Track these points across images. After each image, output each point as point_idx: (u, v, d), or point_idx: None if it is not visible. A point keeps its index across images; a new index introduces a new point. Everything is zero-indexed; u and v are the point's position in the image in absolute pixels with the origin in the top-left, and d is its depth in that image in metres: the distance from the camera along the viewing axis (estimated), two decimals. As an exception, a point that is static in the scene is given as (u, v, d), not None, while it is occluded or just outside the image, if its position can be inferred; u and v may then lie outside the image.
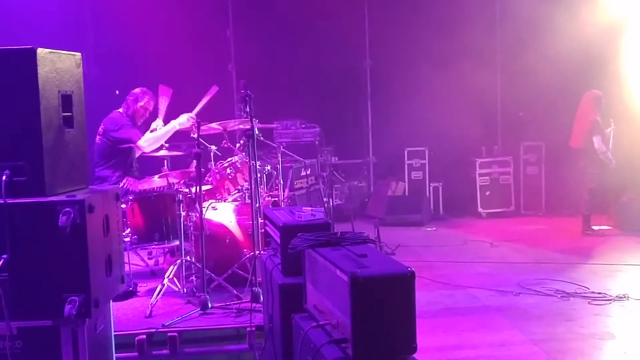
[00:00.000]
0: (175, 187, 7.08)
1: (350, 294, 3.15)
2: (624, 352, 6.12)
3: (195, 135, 6.73)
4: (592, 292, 7.72)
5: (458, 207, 13.08)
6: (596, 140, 10.64)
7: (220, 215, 7.33)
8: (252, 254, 6.54)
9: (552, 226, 11.79)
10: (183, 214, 6.88)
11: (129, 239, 6.87)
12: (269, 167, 8.22)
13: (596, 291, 7.75)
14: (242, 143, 7.82)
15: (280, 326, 4.33)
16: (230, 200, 7.70)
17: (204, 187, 7.11)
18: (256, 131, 6.75)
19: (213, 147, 7.91)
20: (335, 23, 13.09)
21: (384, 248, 9.63)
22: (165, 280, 6.67)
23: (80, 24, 12.60)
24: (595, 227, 10.96)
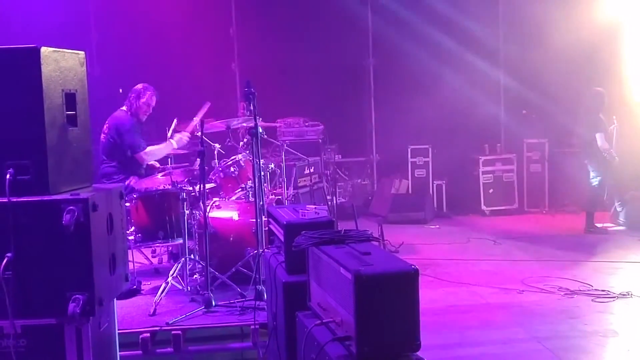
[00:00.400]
0: (179, 186, 7.08)
1: (354, 292, 3.15)
2: (628, 350, 6.11)
3: (199, 134, 6.74)
4: (596, 290, 7.71)
5: (461, 205, 13.06)
6: (599, 137, 10.62)
7: (224, 213, 7.34)
8: (255, 252, 6.54)
9: (555, 224, 11.77)
10: (187, 212, 6.88)
11: (133, 237, 6.88)
12: (272, 165, 8.23)
13: (600, 289, 7.73)
14: (245, 141, 7.83)
15: (284, 324, 4.33)
16: (234, 198, 7.71)
17: (207, 186, 7.12)
18: (260, 129, 6.75)
19: (217, 145, 7.92)
20: (339, 21, 13.11)
21: (387, 246, 9.63)
22: (169, 279, 6.68)
23: (84, 22, 12.62)
24: (598, 225, 10.94)
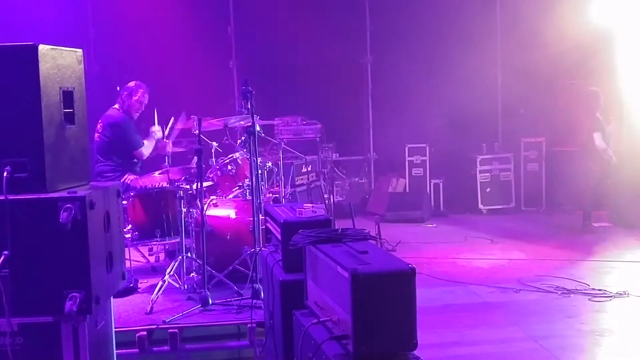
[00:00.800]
0: (176, 184, 7.08)
1: (351, 291, 3.15)
2: (625, 349, 6.13)
3: (197, 132, 6.73)
4: (593, 289, 7.72)
5: (458, 204, 13.06)
6: (596, 137, 10.63)
7: (221, 211, 7.33)
8: (253, 250, 6.54)
9: (552, 223, 11.77)
10: (184, 210, 6.88)
11: (130, 235, 6.87)
12: (270, 164, 8.23)
13: (596, 288, 7.75)
14: (243, 139, 7.83)
15: (281, 323, 4.33)
16: (231, 196, 7.70)
17: (205, 184, 7.11)
18: (257, 128, 6.75)
19: (214, 143, 7.92)
20: (336, 19, 13.11)
21: (384, 245, 9.63)
22: (166, 277, 6.67)
23: (82, 20, 12.59)
24: (595, 224, 10.96)
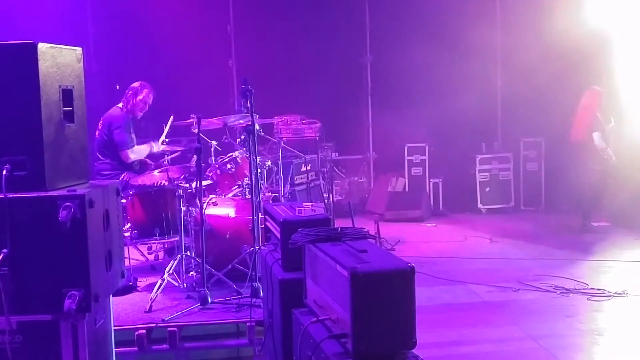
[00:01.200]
0: (175, 182, 7.08)
1: (350, 289, 3.15)
2: (623, 348, 6.13)
3: (196, 131, 6.73)
4: (592, 288, 7.72)
5: (458, 203, 13.05)
6: (596, 136, 10.63)
7: (221, 210, 7.33)
8: (252, 249, 6.54)
9: (551, 222, 11.77)
10: (183, 209, 6.88)
11: (129, 233, 6.88)
12: (269, 163, 8.24)
13: (595, 287, 7.75)
14: (242, 138, 7.83)
15: (280, 321, 4.33)
16: (230, 195, 7.70)
17: (204, 182, 7.11)
18: (257, 126, 6.75)
19: (213, 142, 7.92)
20: (336, 18, 13.09)
21: (383, 244, 9.63)
22: (165, 275, 6.67)
23: (81, 19, 12.59)
24: (594, 224, 10.95)
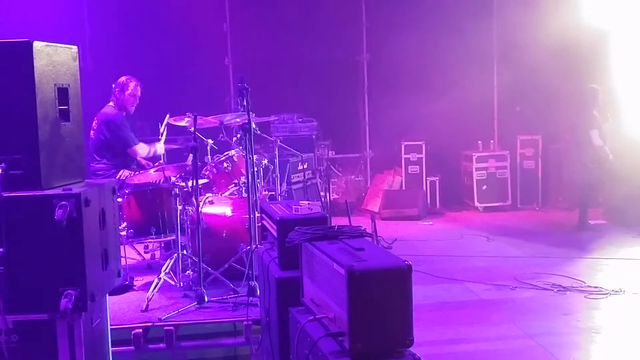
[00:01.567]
0: (171, 181, 7.06)
1: (347, 288, 3.14)
2: (620, 346, 6.13)
3: (192, 129, 6.72)
4: (589, 286, 7.72)
5: (455, 201, 13.06)
6: (594, 134, 10.62)
7: (217, 209, 7.32)
8: (248, 247, 6.53)
9: (548, 220, 11.78)
10: (179, 207, 6.86)
11: (125, 232, 6.86)
12: (265, 161, 8.22)
13: (592, 285, 7.75)
14: (239, 137, 7.81)
15: (277, 320, 4.32)
16: (227, 194, 7.69)
17: (200, 181, 7.10)
18: (253, 125, 6.74)
19: (210, 140, 7.90)
20: (333, 16, 13.07)
21: (380, 242, 9.62)
22: (162, 274, 6.66)
23: (77, 17, 12.56)
24: (591, 221, 10.95)
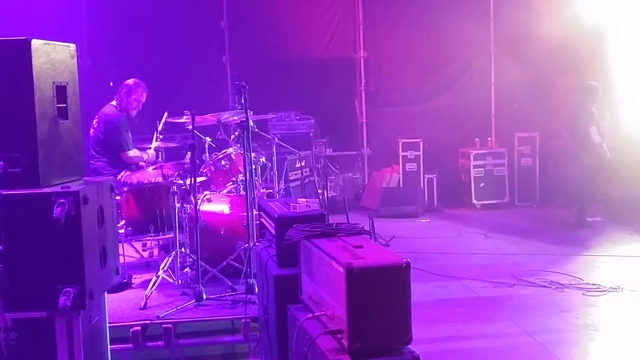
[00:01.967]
0: (170, 179, 7.06)
1: (346, 285, 3.14)
2: (618, 343, 6.14)
3: (190, 127, 6.72)
4: (587, 284, 7.73)
5: (452, 199, 13.05)
6: (592, 131, 10.62)
7: (215, 206, 7.32)
8: (247, 245, 6.53)
9: (546, 217, 11.78)
10: (178, 205, 6.86)
11: (124, 230, 6.87)
12: (263, 159, 8.22)
13: (590, 282, 7.75)
14: (236, 135, 7.81)
15: (275, 317, 4.33)
16: (225, 192, 7.69)
17: (198, 179, 7.10)
18: (251, 123, 6.74)
19: (207, 138, 7.90)
20: (330, 14, 13.08)
21: (378, 239, 9.62)
22: (160, 272, 6.66)
23: (75, 15, 12.55)
24: (589, 219, 10.96)
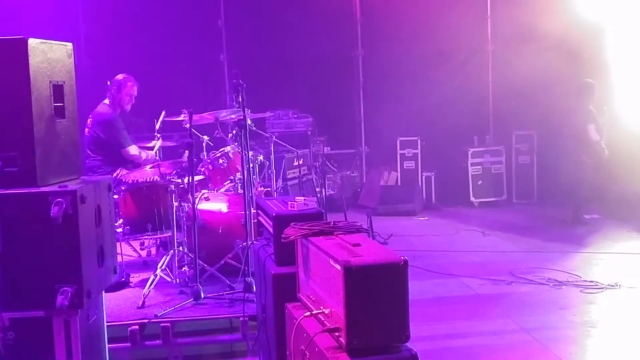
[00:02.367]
0: (167, 178, 7.06)
1: (344, 283, 3.14)
2: (616, 340, 6.14)
3: (188, 126, 6.72)
4: (584, 281, 7.73)
5: (450, 197, 13.05)
6: (590, 129, 10.63)
7: (213, 205, 7.32)
8: (244, 244, 6.53)
9: (543, 215, 11.78)
10: (175, 204, 6.86)
11: (122, 229, 6.86)
12: (261, 157, 8.22)
13: (588, 280, 7.76)
14: (234, 133, 7.81)
15: (273, 316, 4.33)
16: (222, 190, 7.69)
17: (196, 178, 7.10)
18: (248, 121, 6.73)
19: (205, 137, 7.90)
20: (328, 12, 13.06)
21: (376, 238, 9.62)
22: (158, 271, 6.66)
23: (72, 14, 12.54)
24: (586, 216, 10.96)
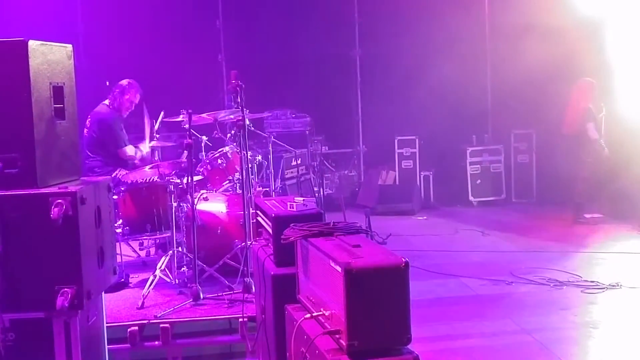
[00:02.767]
0: (166, 178, 7.05)
1: (344, 285, 3.13)
2: (618, 341, 6.14)
3: (187, 126, 6.71)
4: (585, 281, 7.73)
5: (449, 196, 13.04)
6: (589, 127, 10.63)
7: (212, 205, 7.31)
8: (243, 244, 6.52)
9: (543, 214, 11.78)
10: (174, 204, 6.85)
11: (121, 230, 6.86)
12: (259, 157, 8.22)
13: (589, 279, 7.75)
14: (233, 133, 7.80)
15: (272, 317, 4.32)
16: (221, 190, 7.69)
17: (195, 178, 7.09)
18: (247, 121, 6.73)
19: (204, 137, 7.90)
20: (325, 12, 13.06)
21: (375, 237, 9.62)
22: (157, 272, 6.65)
23: (71, 15, 12.53)
24: (587, 215, 10.96)
